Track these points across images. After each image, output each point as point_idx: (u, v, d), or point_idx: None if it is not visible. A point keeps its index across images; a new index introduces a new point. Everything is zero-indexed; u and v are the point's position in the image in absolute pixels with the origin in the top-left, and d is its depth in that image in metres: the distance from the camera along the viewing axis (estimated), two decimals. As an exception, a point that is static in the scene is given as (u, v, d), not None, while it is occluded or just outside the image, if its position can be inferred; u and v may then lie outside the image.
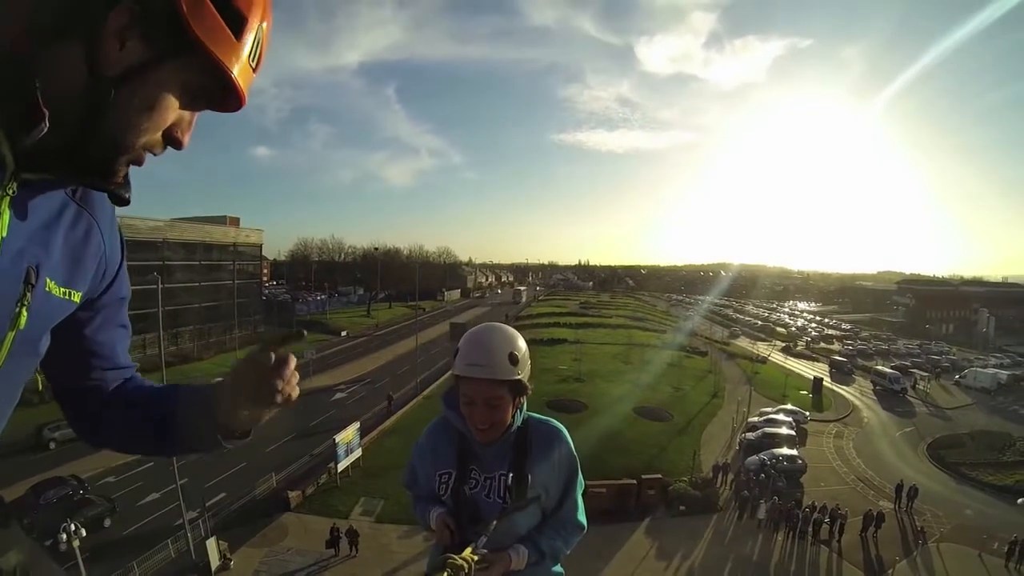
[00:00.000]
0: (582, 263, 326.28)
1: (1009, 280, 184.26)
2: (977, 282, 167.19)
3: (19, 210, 0.93)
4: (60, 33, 0.86)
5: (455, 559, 1.79)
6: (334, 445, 31.32)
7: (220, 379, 1.17)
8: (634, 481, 32.58)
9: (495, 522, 2.04)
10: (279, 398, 1.11)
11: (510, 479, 2.20)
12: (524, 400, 2.25)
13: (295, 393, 1.14)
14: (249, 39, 0.99)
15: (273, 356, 1.09)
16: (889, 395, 61.93)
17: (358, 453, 33.17)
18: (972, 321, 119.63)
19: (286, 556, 25.32)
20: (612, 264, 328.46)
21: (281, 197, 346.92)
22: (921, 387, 66.59)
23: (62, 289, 1.04)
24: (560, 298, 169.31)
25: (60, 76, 0.87)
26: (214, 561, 23.52)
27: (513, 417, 2.21)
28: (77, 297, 1.09)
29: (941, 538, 30.69)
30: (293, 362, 1.12)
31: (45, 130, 0.86)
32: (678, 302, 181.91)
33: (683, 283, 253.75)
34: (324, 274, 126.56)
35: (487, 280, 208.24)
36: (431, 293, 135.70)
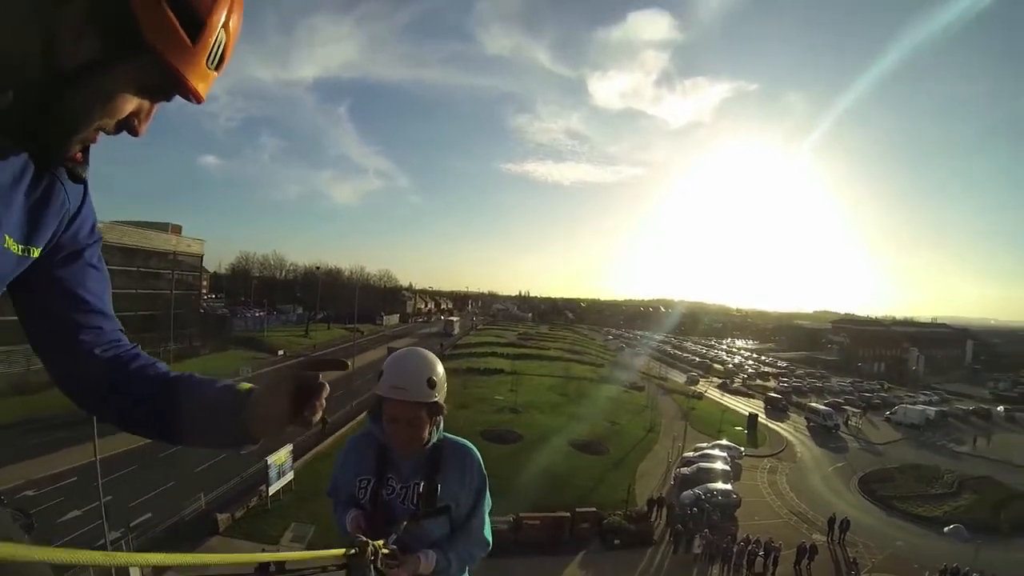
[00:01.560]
0: (523, 294, 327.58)
1: (939, 321, 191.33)
2: (908, 323, 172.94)
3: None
4: (18, 25, 0.92)
5: (363, 539, 1.79)
6: (266, 467, 30.28)
7: (254, 388, 1.23)
8: (568, 514, 32.01)
9: (405, 522, 2.26)
10: (314, 419, 1.20)
11: (423, 487, 2.42)
12: (440, 419, 2.45)
13: (317, 418, 1.21)
14: (209, 42, 1.01)
15: (319, 378, 1.21)
16: (822, 431, 62.99)
17: (290, 476, 32.23)
18: (903, 359, 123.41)
19: (213, 583, 24.01)
20: (552, 296, 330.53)
21: (226, 208, 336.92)
22: (853, 423, 68.14)
23: (20, 246, 1.07)
24: (499, 328, 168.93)
25: (20, 63, 0.93)
26: (136, 585, 22.03)
27: (430, 434, 2.42)
28: (36, 252, 1.12)
29: (873, 568, 30.97)
30: (327, 389, 1.22)
31: (6, 105, 0.93)
32: (617, 336, 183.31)
33: (623, 318, 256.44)
34: (264, 290, 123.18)
35: (427, 306, 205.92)
36: (370, 316, 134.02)
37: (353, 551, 1.74)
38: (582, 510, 32.75)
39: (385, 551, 1.91)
